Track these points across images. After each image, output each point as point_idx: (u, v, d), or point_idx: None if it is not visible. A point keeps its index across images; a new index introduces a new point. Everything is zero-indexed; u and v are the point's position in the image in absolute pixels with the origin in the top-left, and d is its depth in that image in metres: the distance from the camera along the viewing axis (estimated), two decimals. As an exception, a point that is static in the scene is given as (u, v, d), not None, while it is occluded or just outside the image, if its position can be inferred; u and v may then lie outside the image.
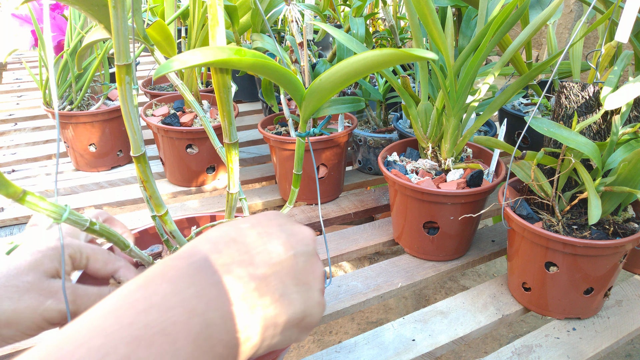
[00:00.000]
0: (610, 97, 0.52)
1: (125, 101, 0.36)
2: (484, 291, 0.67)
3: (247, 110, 1.34)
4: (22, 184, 0.93)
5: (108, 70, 0.99)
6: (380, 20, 1.20)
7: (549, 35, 0.91)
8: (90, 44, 0.54)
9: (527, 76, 0.66)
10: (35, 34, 0.88)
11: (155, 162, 1.01)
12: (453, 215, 0.66)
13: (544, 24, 0.58)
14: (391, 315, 1.32)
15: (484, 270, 1.48)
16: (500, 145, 0.62)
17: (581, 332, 0.60)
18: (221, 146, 0.51)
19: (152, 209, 0.46)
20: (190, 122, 0.89)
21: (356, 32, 0.85)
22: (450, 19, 0.69)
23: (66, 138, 0.95)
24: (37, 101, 1.37)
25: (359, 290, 0.66)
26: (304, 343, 1.23)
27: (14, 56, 1.83)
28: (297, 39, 0.77)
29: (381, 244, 0.77)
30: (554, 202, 0.59)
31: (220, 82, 0.38)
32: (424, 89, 0.72)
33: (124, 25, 0.33)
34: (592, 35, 2.01)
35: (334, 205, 0.88)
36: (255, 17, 0.87)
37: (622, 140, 0.56)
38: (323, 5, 1.06)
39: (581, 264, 0.55)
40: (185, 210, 0.86)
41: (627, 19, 0.51)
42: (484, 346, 1.23)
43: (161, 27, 0.59)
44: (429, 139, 0.73)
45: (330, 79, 0.39)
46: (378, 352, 0.57)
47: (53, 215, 0.33)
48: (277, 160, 0.85)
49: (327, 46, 1.55)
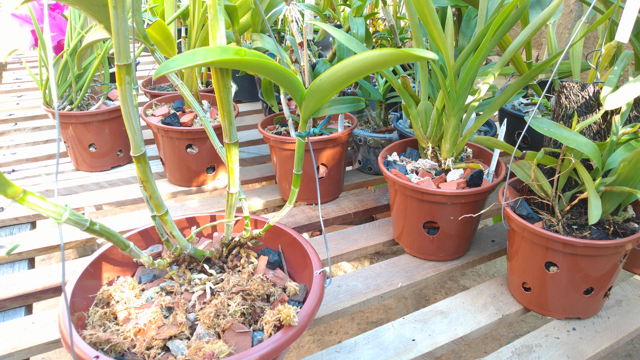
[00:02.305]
0: (611, 97, 0.52)
1: (125, 101, 0.36)
2: (484, 291, 0.67)
3: (247, 110, 1.34)
4: (22, 184, 0.93)
5: (108, 70, 0.99)
6: (380, 20, 1.20)
7: (549, 35, 0.91)
8: (90, 44, 0.54)
9: (527, 76, 0.66)
10: (35, 34, 0.88)
11: (155, 162, 1.01)
12: (453, 215, 0.66)
13: (544, 24, 0.58)
14: (391, 315, 1.32)
15: (484, 270, 1.48)
16: (500, 145, 0.62)
17: (581, 332, 0.60)
18: (221, 146, 0.51)
19: (152, 209, 0.46)
20: (190, 122, 0.89)
21: (356, 32, 0.85)
22: (450, 19, 0.69)
23: (66, 138, 0.95)
24: (37, 101, 1.37)
25: (359, 290, 0.66)
26: (304, 343, 1.23)
27: (14, 56, 1.83)
28: (297, 39, 0.77)
29: (381, 244, 0.77)
30: (554, 202, 0.59)
31: (220, 82, 0.38)
32: (424, 89, 0.72)
33: (124, 25, 0.33)
34: (592, 35, 2.01)
35: (334, 205, 0.88)
36: (255, 17, 0.87)
37: (622, 140, 0.56)
38: (323, 5, 1.06)
39: (581, 264, 0.55)
40: (185, 210, 0.86)
41: (627, 19, 0.51)
42: (484, 346, 1.23)
43: (161, 27, 0.59)
44: (429, 139, 0.73)
45: (330, 79, 0.39)
46: (378, 352, 0.57)
47: (53, 215, 0.33)
48: (277, 160, 0.85)
49: (327, 46, 1.55)
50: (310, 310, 0.45)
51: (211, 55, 0.33)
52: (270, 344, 0.41)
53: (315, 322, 0.61)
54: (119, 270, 0.54)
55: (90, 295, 0.49)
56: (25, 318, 0.60)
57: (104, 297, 0.49)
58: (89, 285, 0.50)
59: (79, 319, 0.46)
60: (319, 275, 0.49)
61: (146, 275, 0.53)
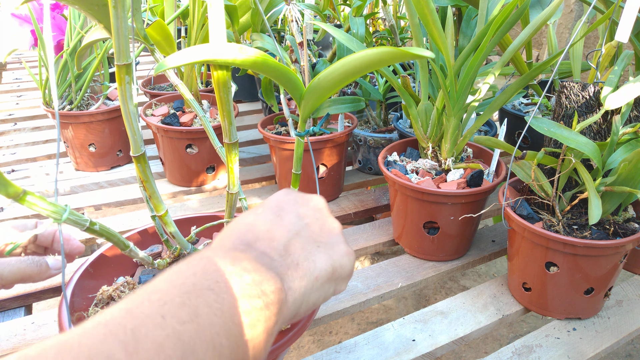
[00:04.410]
0: (611, 97, 0.52)
1: (125, 101, 0.36)
2: (484, 291, 0.67)
3: (247, 110, 1.34)
4: (22, 184, 0.93)
5: (108, 70, 0.99)
6: (380, 20, 1.20)
7: (549, 35, 0.91)
8: (90, 43, 0.54)
9: (527, 76, 0.65)
10: (35, 33, 0.88)
11: (155, 162, 1.01)
12: (453, 215, 0.66)
13: (544, 24, 0.58)
14: (391, 315, 1.32)
15: (484, 271, 1.48)
16: (500, 145, 0.62)
17: (581, 332, 0.60)
18: (221, 146, 0.51)
19: (152, 209, 0.46)
20: (190, 122, 0.89)
21: (356, 31, 0.85)
22: (450, 18, 0.69)
23: (66, 138, 0.95)
24: (37, 101, 1.37)
25: (359, 290, 0.66)
26: (303, 343, 1.23)
27: (13, 56, 1.83)
28: (297, 39, 0.76)
29: (381, 244, 0.77)
30: (554, 202, 0.58)
31: (220, 82, 0.37)
32: (424, 89, 0.72)
33: (124, 25, 0.33)
34: (592, 35, 2.01)
35: (334, 205, 0.88)
36: (255, 17, 0.87)
37: (622, 140, 0.56)
38: (323, 5, 1.06)
39: (581, 264, 0.55)
40: (185, 210, 0.86)
41: (628, 19, 0.51)
42: (484, 346, 1.23)
43: (161, 27, 0.59)
44: (429, 139, 0.73)
45: (328, 77, 0.39)
46: (378, 352, 0.57)
47: (53, 215, 0.33)
48: (277, 160, 0.85)
49: (327, 46, 1.55)
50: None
51: (213, 52, 0.33)
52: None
53: (315, 322, 0.61)
54: (119, 270, 0.54)
55: (90, 295, 0.49)
56: (25, 318, 0.60)
57: (103, 297, 0.49)
58: (89, 285, 0.50)
59: (79, 319, 0.46)
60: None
61: (146, 276, 0.53)
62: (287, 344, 0.41)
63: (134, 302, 0.24)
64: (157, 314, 0.23)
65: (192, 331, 0.23)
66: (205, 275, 0.26)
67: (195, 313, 0.23)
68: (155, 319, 0.22)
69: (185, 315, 0.23)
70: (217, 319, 0.24)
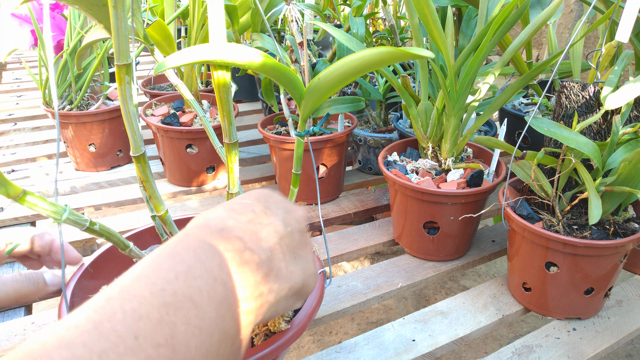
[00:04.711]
0: (611, 96, 0.52)
1: (125, 101, 0.36)
2: (484, 291, 0.67)
3: (247, 110, 1.34)
4: (22, 184, 0.93)
5: (108, 70, 0.99)
6: (380, 20, 1.20)
7: (549, 35, 0.91)
8: (90, 43, 0.54)
9: (527, 76, 0.65)
10: (34, 33, 0.88)
11: (155, 162, 1.01)
12: (453, 215, 0.66)
13: (544, 24, 0.58)
14: (391, 315, 1.32)
15: (484, 271, 1.48)
16: (500, 145, 0.62)
17: (581, 332, 0.60)
18: (221, 146, 0.51)
19: (152, 208, 0.46)
20: (190, 122, 0.89)
21: (356, 31, 0.85)
22: (450, 18, 0.69)
23: (66, 138, 0.95)
24: (37, 101, 1.37)
25: (359, 290, 0.66)
26: (304, 343, 1.23)
27: (13, 56, 1.83)
28: (297, 39, 0.76)
29: (381, 244, 0.77)
30: (554, 202, 0.58)
31: (220, 82, 0.37)
32: (424, 89, 0.72)
33: (124, 25, 0.33)
34: (592, 35, 2.01)
35: (334, 205, 0.88)
36: (255, 17, 0.87)
37: (622, 140, 0.56)
38: (323, 5, 1.06)
39: (581, 264, 0.55)
40: (185, 210, 0.86)
41: (628, 19, 0.51)
42: (484, 346, 1.23)
43: (161, 27, 0.59)
44: (429, 139, 0.73)
45: (328, 77, 0.39)
46: (378, 352, 0.57)
47: (53, 215, 0.33)
48: (277, 160, 0.85)
49: (327, 46, 1.55)
50: (309, 311, 0.45)
51: (213, 52, 0.33)
52: (269, 344, 0.41)
53: (315, 322, 0.61)
54: (119, 270, 0.54)
55: (90, 295, 0.49)
56: (25, 318, 0.60)
57: (103, 297, 0.49)
58: (89, 286, 0.50)
59: (79, 319, 0.46)
60: (319, 275, 0.49)
61: (146, 276, 0.53)
62: (287, 344, 0.41)
63: (105, 311, 0.21)
64: (131, 334, 0.21)
65: (165, 357, 0.21)
66: (188, 281, 0.24)
67: (172, 334, 0.22)
68: (127, 341, 0.20)
69: (160, 337, 0.21)
70: (195, 340, 0.23)
